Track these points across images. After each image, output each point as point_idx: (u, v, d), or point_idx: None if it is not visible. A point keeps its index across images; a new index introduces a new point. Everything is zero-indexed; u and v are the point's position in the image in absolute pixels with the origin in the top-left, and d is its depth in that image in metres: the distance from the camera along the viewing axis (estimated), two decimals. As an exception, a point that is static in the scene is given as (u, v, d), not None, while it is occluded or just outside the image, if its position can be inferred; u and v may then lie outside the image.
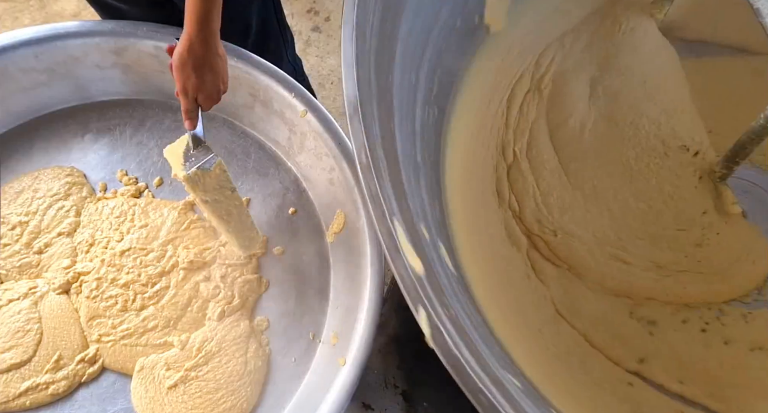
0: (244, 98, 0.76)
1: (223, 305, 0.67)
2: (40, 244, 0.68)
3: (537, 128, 0.73)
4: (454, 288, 0.47)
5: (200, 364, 0.63)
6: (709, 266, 0.65)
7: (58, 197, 0.71)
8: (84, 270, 0.67)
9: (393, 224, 0.37)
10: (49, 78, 0.75)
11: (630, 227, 0.68)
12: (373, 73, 0.44)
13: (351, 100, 0.40)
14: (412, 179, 0.49)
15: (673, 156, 0.71)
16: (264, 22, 0.81)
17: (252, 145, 0.78)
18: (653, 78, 0.76)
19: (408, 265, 0.37)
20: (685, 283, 0.65)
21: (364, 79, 0.42)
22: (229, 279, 0.68)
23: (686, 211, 0.68)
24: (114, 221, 0.70)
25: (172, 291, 0.67)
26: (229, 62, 0.72)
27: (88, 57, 0.74)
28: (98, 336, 0.64)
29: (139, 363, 0.63)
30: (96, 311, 0.65)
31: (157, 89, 0.79)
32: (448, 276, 0.47)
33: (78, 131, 0.77)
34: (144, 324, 0.65)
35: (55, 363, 0.62)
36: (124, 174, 0.75)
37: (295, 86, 0.72)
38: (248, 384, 0.63)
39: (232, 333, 0.65)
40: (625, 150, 0.72)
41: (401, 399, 0.62)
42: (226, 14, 0.62)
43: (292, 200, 0.75)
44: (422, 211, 0.49)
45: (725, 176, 0.68)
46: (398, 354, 0.65)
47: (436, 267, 0.42)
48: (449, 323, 0.36)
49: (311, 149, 0.73)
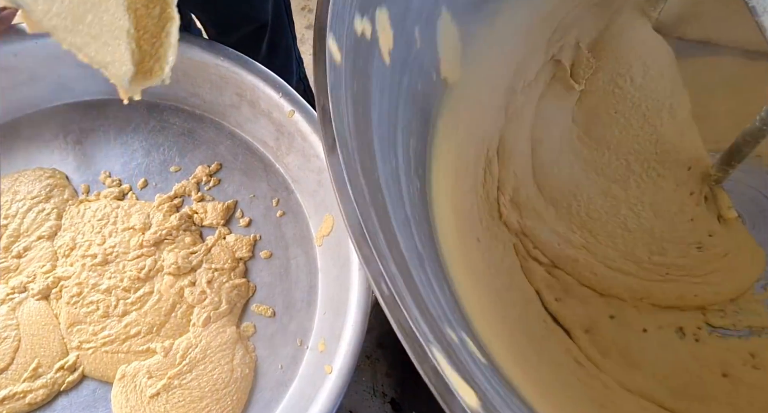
0: (231, 98, 0.74)
1: (209, 311, 0.65)
2: (20, 248, 0.66)
3: (522, 171, 0.70)
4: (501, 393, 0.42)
5: (184, 372, 0.61)
6: (702, 270, 0.64)
7: (39, 200, 0.69)
8: (64, 275, 0.65)
9: (435, 358, 0.32)
10: (30, 77, 0.73)
11: (626, 234, 0.67)
12: (365, 186, 0.39)
13: (356, 228, 0.35)
14: (422, 275, 0.44)
15: (666, 159, 0.70)
16: (277, 18, 0.80)
17: (239, 146, 0.77)
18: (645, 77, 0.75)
19: (465, 405, 0.32)
20: (676, 286, 0.63)
21: (359, 195, 0.37)
22: (216, 284, 0.67)
23: (681, 216, 0.67)
24: (96, 224, 0.68)
25: (155, 297, 0.65)
26: (215, 61, 0.71)
27: (70, 55, 0.71)
28: (78, 343, 0.62)
29: (120, 371, 0.61)
30: (76, 317, 0.63)
31: (142, 89, 0.77)
32: (486, 375, 0.41)
33: (60, 131, 0.75)
34: (126, 330, 0.63)
35: (34, 370, 0.60)
36: (107, 176, 0.73)
37: (282, 86, 0.70)
38: (234, 392, 0.61)
39: (218, 339, 0.64)
40: (614, 157, 0.71)
41: (389, 407, 0.61)
42: (242, 13, 0.61)
43: (279, 202, 0.73)
44: (440, 309, 0.43)
45: (721, 179, 0.66)
46: (386, 360, 0.63)
47: (484, 386, 0.36)
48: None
49: (299, 150, 0.71)
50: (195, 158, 0.75)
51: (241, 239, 0.70)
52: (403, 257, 0.41)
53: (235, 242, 0.70)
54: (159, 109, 0.78)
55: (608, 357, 0.60)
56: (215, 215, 0.71)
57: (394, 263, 0.37)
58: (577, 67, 0.76)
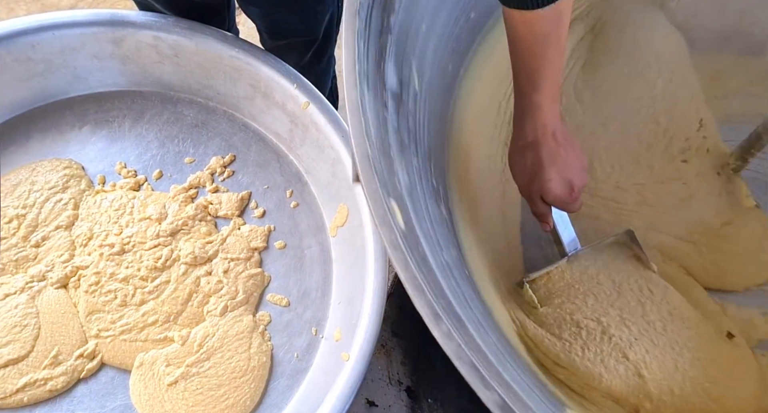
0: (245, 90, 0.75)
1: (226, 300, 0.65)
2: (38, 237, 0.67)
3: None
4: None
5: (202, 360, 0.62)
6: (722, 257, 0.64)
7: (56, 190, 0.70)
8: (82, 264, 0.66)
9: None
10: (46, 69, 0.73)
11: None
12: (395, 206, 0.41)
13: (406, 274, 0.37)
14: (452, 284, 0.45)
15: (683, 150, 0.70)
16: (327, 32, 0.81)
17: (252, 137, 0.77)
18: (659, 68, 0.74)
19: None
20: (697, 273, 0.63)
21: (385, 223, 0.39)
22: (232, 274, 0.67)
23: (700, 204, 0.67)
24: (113, 215, 0.69)
25: (172, 286, 0.66)
26: (229, 53, 0.72)
27: (86, 47, 0.73)
28: (97, 331, 0.63)
29: (139, 359, 0.62)
30: (95, 305, 0.64)
31: (156, 81, 0.78)
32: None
33: (76, 122, 0.76)
34: (144, 318, 0.64)
35: (54, 358, 0.61)
36: (123, 167, 0.74)
37: (297, 78, 0.70)
38: (252, 381, 0.62)
39: (235, 328, 0.64)
40: (632, 146, 0.71)
41: (405, 395, 0.61)
42: (296, 29, 0.60)
43: (293, 193, 0.74)
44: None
45: (739, 168, 0.66)
46: (402, 349, 0.64)
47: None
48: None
49: (313, 142, 0.71)
50: (209, 149, 0.76)
51: (255, 229, 0.71)
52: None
53: (250, 232, 0.70)
54: (173, 101, 0.78)
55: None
56: (230, 206, 0.72)
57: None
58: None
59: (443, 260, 0.46)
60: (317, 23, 0.77)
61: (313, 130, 0.70)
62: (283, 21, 0.75)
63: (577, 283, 0.62)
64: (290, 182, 0.75)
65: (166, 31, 0.72)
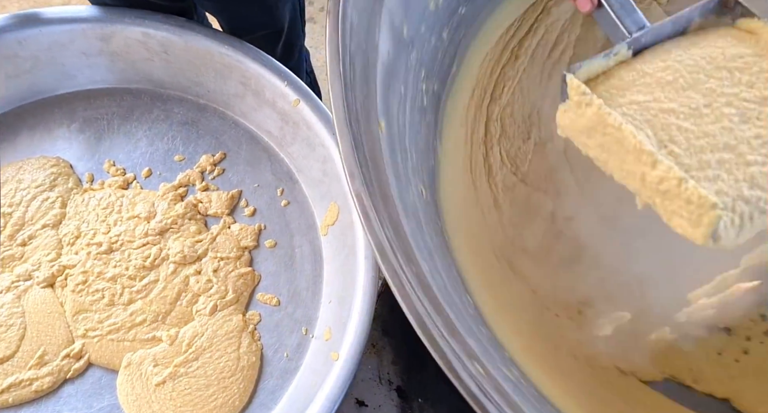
0: (235, 87, 0.74)
1: (215, 300, 0.65)
2: (24, 236, 0.66)
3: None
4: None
5: (190, 360, 0.62)
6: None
7: (43, 188, 0.69)
8: (69, 263, 0.65)
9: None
10: (34, 65, 0.73)
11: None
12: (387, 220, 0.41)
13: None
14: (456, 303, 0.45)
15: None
16: (293, 23, 0.80)
17: (243, 135, 0.77)
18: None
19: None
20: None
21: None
22: (222, 273, 0.67)
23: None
24: (101, 213, 0.68)
25: (161, 285, 0.65)
26: (219, 50, 0.71)
27: (74, 44, 0.72)
28: (84, 331, 0.62)
29: (126, 359, 0.61)
30: (82, 305, 0.63)
31: (146, 78, 0.77)
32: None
33: (64, 120, 0.75)
34: (132, 318, 0.63)
35: (39, 358, 0.60)
36: (111, 165, 0.73)
37: (287, 75, 0.70)
38: (241, 381, 0.61)
39: (224, 327, 0.64)
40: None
41: (395, 395, 0.61)
42: (259, 21, 0.59)
43: (284, 191, 0.73)
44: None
45: None
46: (393, 348, 0.63)
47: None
48: None
49: (304, 139, 0.71)
50: (199, 147, 0.75)
51: (245, 228, 0.70)
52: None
53: (240, 231, 0.70)
54: (162, 98, 0.78)
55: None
56: (220, 205, 0.71)
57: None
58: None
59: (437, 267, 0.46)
60: (279, 14, 0.76)
61: (303, 128, 0.70)
62: (243, 14, 0.74)
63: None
64: (281, 180, 0.74)
65: (155, 28, 0.71)
